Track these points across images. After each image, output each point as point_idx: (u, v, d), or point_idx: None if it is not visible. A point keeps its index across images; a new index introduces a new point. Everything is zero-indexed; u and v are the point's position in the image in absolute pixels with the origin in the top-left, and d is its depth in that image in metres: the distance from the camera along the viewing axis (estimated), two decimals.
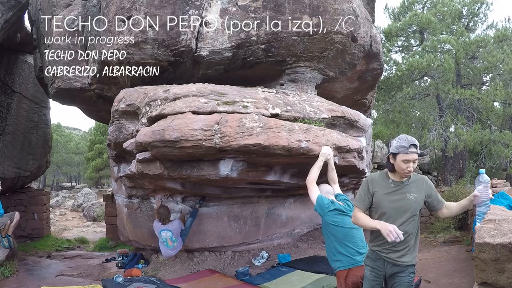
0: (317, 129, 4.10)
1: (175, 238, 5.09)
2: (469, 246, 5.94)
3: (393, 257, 2.43)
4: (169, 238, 5.08)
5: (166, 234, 5.06)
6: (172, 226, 5.06)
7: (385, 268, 2.46)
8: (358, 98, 7.26)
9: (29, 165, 9.84)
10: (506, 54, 10.44)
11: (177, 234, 5.10)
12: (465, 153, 12.29)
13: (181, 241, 5.22)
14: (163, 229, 5.06)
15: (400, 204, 2.40)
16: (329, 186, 3.40)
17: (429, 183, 2.47)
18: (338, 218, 2.91)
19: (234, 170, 4.22)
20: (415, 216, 2.42)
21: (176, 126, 3.72)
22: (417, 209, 2.42)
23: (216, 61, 4.92)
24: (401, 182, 2.43)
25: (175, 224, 5.08)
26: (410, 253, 2.43)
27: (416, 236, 2.47)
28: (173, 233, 5.06)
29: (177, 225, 5.10)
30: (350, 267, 2.82)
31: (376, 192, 2.48)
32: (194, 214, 5.31)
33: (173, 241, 5.10)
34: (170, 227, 5.05)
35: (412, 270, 2.45)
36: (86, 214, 17.63)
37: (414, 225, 2.43)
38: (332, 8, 4.83)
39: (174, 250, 5.22)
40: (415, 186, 2.43)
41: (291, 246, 6.57)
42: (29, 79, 9.60)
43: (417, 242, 2.49)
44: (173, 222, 5.11)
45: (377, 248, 2.50)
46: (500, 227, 2.61)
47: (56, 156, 27.34)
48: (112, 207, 9.56)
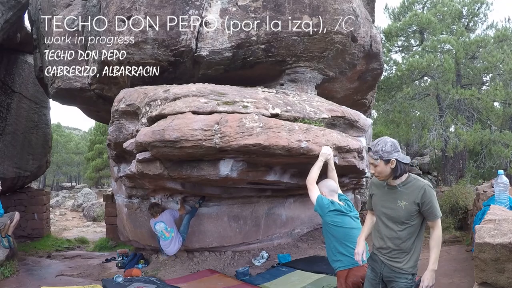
0: (317, 129, 4.10)
1: (170, 228, 5.17)
2: (469, 246, 5.94)
3: (387, 262, 2.42)
4: (164, 229, 5.16)
5: (160, 226, 5.17)
6: (163, 217, 5.19)
7: (382, 270, 2.46)
8: (358, 98, 7.26)
9: (29, 165, 9.84)
10: (506, 54, 10.43)
11: (170, 223, 5.19)
12: (465, 153, 12.28)
13: (178, 234, 5.25)
14: (156, 222, 5.19)
15: (390, 211, 2.37)
16: (334, 182, 3.30)
17: (427, 192, 2.28)
18: (338, 218, 2.91)
19: (234, 170, 4.22)
20: (408, 223, 2.32)
21: (176, 126, 3.72)
22: (407, 217, 2.31)
23: (216, 61, 4.92)
24: (394, 186, 2.37)
25: (165, 214, 5.23)
26: (407, 260, 2.36)
27: (414, 243, 2.37)
28: (166, 223, 5.16)
29: (168, 214, 5.23)
30: (351, 267, 2.82)
31: (374, 195, 2.54)
32: (193, 212, 5.40)
33: (169, 232, 5.17)
34: (162, 218, 5.18)
35: (409, 278, 2.38)
36: (86, 214, 17.63)
37: (410, 232, 2.33)
38: (332, 8, 4.83)
39: (173, 244, 5.22)
40: (408, 193, 2.32)
41: (291, 246, 6.57)
42: (29, 79, 9.61)
43: (416, 249, 2.39)
44: (163, 213, 5.25)
45: (375, 250, 2.53)
46: (500, 227, 2.61)
47: (56, 156, 27.34)
48: (112, 207, 9.56)
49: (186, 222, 5.30)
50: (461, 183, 9.87)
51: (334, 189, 3.18)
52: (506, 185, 4.26)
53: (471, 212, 6.96)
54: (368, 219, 2.70)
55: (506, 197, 4.24)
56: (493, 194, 4.72)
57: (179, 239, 5.27)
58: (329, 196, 3.07)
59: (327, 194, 3.08)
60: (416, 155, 15.29)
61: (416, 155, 15.15)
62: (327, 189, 3.14)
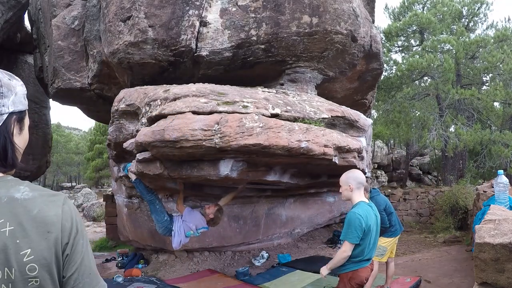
0: (317, 129, 4.10)
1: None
2: (469, 246, 5.94)
3: None
4: (197, 230, 4.50)
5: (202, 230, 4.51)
6: (202, 223, 4.47)
7: None
8: (358, 98, 7.26)
9: (29, 165, 9.85)
10: (506, 54, 10.44)
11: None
12: (465, 153, 12.28)
13: (178, 231, 4.57)
14: (204, 227, 4.48)
15: None
16: (362, 174, 2.94)
17: None
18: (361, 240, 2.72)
19: (234, 170, 4.22)
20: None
21: (176, 126, 3.72)
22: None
23: (216, 61, 4.92)
24: None
25: (197, 218, 4.49)
26: None
27: None
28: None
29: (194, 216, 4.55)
30: (355, 269, 2.78)
31: None
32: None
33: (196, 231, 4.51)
34: (204, 224, 4.46)
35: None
36: (86, 214, 17.63)
37: None
38: (332, 8, 4.83)
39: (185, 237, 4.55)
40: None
41: (291, 246, 6.58)
42: (29, 79, 9.61)
43: None
44: (193, 217, 4.48)
45: None
46: (500, 227, 2.61)
47: (56, 156, 27.36)
48: (112, 207, 9.55)
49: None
50: (461, 183, 9.88)
51: (362, 181, 2.85)
52: (506, 185, 4.27)
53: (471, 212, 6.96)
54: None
55: (506, 197, 4.25)
56: (493, 194, 4.73)
57: (177, 234, 4.82)
58: (356, 190, 2.82)
59: (355, 187, 2.81)
60: (416, 155, 15.29)
61: (416, 155, 15.15)
62: (355, 181, 2.82)
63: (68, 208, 0.91)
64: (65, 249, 0.87)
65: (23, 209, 0.84)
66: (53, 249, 0.85)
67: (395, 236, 4.42)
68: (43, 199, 0.87)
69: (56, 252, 0.86)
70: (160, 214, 4.47)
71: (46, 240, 0.84)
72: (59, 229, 0.86)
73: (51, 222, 0.86)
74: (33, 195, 0.87)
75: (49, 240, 0.85)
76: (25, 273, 0.81)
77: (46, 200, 0.88)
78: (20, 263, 0.81)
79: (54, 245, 0.85)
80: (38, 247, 0.83)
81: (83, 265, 0.90)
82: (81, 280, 0.89)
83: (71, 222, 0.89)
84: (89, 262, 0.92)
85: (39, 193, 0.88)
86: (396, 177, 14.56)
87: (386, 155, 15.15)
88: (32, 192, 0.87)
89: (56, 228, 0.86)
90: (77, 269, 0.89)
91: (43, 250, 0.83)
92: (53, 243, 0.85)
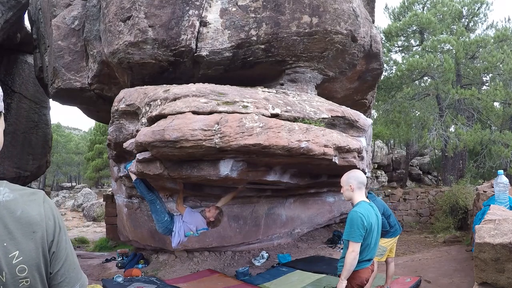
0: (317, 129, 4.10)
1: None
2: (469, 246, 5.94)
3: None
4: (197, 231, 4.52)
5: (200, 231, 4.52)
6: (202, 224, 4.48)
7: None
8: (358, 98, 7.26)
9: (29, 165, 9.85)
10: (506, 54, 10.44)
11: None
12: (465, 153, 12.29)
13: (178, 231, 4.60)
14: (204, 228, 4.49)
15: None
16: (363, 174, 2.94)
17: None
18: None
19: (234, 170, 4.22)
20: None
21: (176, 126, 3.72)
22: None
23: (216, 61, 4.92)
24: None
25: (197, 220, 4.49)
26: None
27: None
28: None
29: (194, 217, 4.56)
30: (356, 269, 2.76)
31: None
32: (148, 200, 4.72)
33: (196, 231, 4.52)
34: (204, 225, 4.48)
35: None
36: (86, 214, 17.64)
37: None
38: (332, 8, 4.83)
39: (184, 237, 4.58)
40: None
41: (291, 246, 6.58)
42: (29, 79, 9.61)
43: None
44: (194, 218, 4.47)
45: None
46: (500, 227, 2.61)
47: (56, 156, 27.36)
48: (112, 207, 9.55)
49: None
50: (461, 183, 9.88)
51: (362, 181, 2.85)
52: (506, 185, 4.27)
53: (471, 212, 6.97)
54: None
55: (506, 197, 4.25)
56: (493, 194, 4.73)
57: (177, 234, 4.85)
58: (357, 190, 2.81)
59: (356, 187, 2.81)
60: (416, 155, 15.29)
61: (416, 155, 15.15)
62: (356, 181, 2.82)
63: (48, 206, 0.92)
64: (51, 247, 0.89)
65: (6, 211, 0.84)
66: (40, 248, 0.86)
67: (394, 236, 4.43)
68: (24, 199, 0.88)
69: (43, 251, 0.87)
70: (160, 214, 4.48)
71: (32, 240, 0.85)
72: (43, 228, 0.88)
73: (35, 222, 0.87)
74: (14, 196, 0.87)
75: (36, 240, 0.86)
76: (16, 275, 0.82)
77: (27, 200, 0.88)
78: (10, 266, 0.82)
79: (41, 244, 0.87)
80: (25, 248, 0.84)
81: (68, 261, 0.93)
82: (67, 275, 0.92)
83: (54, 220, 0.91)
84: (73, 257, 0.95)
85: (19, 193, 0.89)
86: (396, 177, 14.56)
87: (386, 155, 15.15)
88: (13, 193, 0.87)
89: (41, 227, 0.87)
90: (63, 264, 0.91)
91: (31, 251, 0.85)
92: (39, 242, 0.86)
